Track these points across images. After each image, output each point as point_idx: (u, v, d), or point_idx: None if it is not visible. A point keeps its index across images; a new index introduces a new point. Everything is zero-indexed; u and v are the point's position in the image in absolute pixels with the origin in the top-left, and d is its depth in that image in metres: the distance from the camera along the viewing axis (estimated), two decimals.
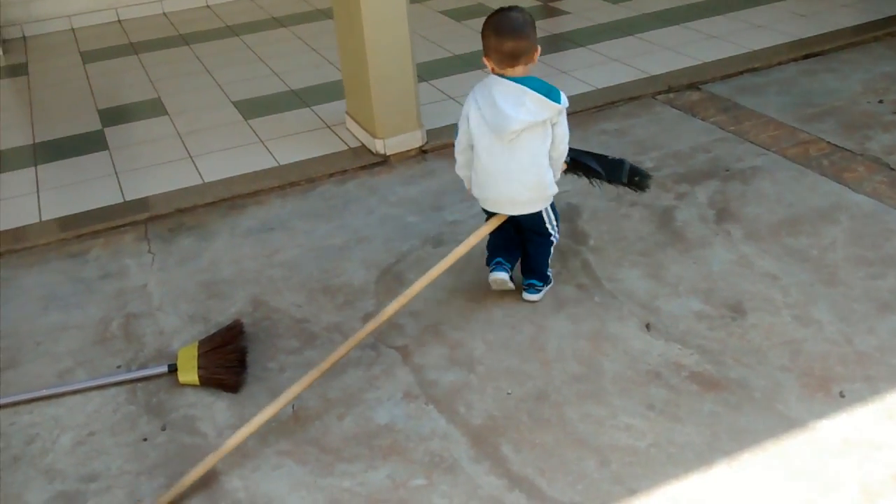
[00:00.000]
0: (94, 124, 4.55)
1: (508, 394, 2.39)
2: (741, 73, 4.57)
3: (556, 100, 2.55)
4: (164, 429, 2.38)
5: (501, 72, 2.56)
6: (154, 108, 4.71)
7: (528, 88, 2.52)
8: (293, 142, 4.11)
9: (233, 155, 4.03)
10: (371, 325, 2.50)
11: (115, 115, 4.66)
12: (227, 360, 2.52)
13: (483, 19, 2.60)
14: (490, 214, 2.76)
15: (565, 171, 2.84)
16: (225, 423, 2.37)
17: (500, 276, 2.76)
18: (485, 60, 2.59)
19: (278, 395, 2.44)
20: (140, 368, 2.61)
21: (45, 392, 2.52)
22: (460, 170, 2.79)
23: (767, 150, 3.68)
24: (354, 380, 2.50)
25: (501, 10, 2.58)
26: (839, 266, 2.83)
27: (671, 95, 4.37)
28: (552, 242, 2.81)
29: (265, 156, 3.99)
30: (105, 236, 3.44)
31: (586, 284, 2.86)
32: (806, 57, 4.70)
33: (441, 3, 6.27)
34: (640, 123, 4.07)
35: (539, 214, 2.71)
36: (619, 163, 2.95)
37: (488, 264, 2.82)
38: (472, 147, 2.66)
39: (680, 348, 2.51)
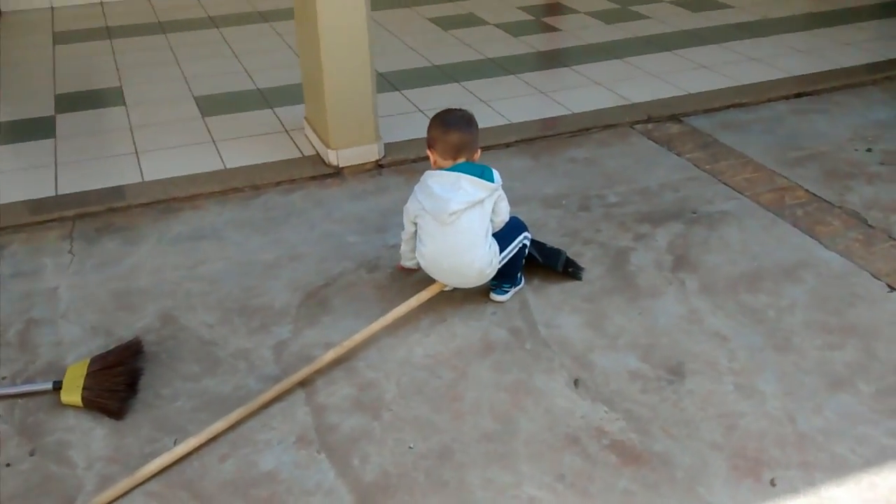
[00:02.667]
0: (47, 109, 4.36)
1: (410, 448, 2.18)
2: (727, 107, 4.36)
3: (490, 179, 2.63)
4: (32, 454, 2.17)
5: (443, 164, 2.66)
6: (113, 97, 4.52)
7: (462, 173, 2.61)
8: (246, 144, 3.91)
9: (180, 154, 3.83)
10: (304, 372, 2.41)
11: (72, 102, 4.47)
12: (115, 383, 2.32)
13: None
14: None
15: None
16: (98, 455, 2.16)
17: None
18: (429, 153, 2.71)
19: (163, 425, 2.26)
20: (25, 383, 2.41)
21: None
22: (405, 257, 2.85)
23: (741, 193, 3.46)
24: (249, 416, 2.29)
25: (450, 109, 2.76)
26: (795, 331, 2.61)
27: (650, 126, 4.15)
28: (524, 252, 2.80)
29: (213, 157, 3.78)
30: (29, 231, 3.24)
31: (520, 329, 2.65)
32: (798, 95, 4.48)
33: (431, 9, 6.07)
34: (612, 154, 3.86)
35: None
36: (556, 252, 2.93)
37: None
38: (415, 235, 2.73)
39: (606, 411, 2.30)
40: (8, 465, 2.14)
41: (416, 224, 2.68)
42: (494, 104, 4.35)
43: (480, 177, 2.61)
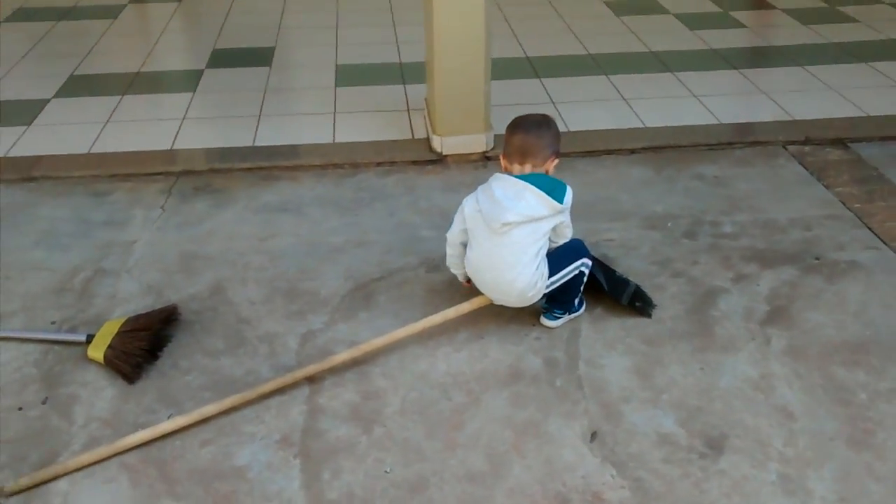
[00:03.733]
0: (199, 63, 4.57)
1: (386, 472, 2.04)
2: None
3: (560, 199, 2.42)
4: (44, 402, 2.27)
5: (511, 169, 2.48)
6: (262, 57, 4.65)
7: (530, 184, 2.40)
8: (363, 119, 3.87)
9: (296, 122, 3.86)
10: (312, 369, 2.33)
11: (224, 58, 4.65)
12: (136, 347, 2.36)
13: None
14: None
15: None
16: (97, 415, 2.22)
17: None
18: (501, 158, 2.54)
19: (166, 397, 2.28)
20: (66, 331, 2.52)
21: None
22: (451, 264, 2.61)
23: (885, 243, 2.94)
24: (246, 404, 2.25)
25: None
26: (884, 425, 2.17)
27: (806, 149, 3.64)
28: (582, 279, 2.53)
29: (327, 129, 3.78)
30: (135, 181, 3.41)
31: (558, 361, 2.40)
32: None
33: None
34: (749, 176, 3.42)
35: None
36: (625, 283, 2.65)
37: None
38: (463, 244, 2.53)
39: (613, 476, 2.02)
40: (20, 408, 2.25)
41: (465, 225, 2.48)
42: (635, 103, 4.00)
43: (549, 193, 2.39)
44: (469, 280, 2.57)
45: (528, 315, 2.58)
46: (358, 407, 2.24)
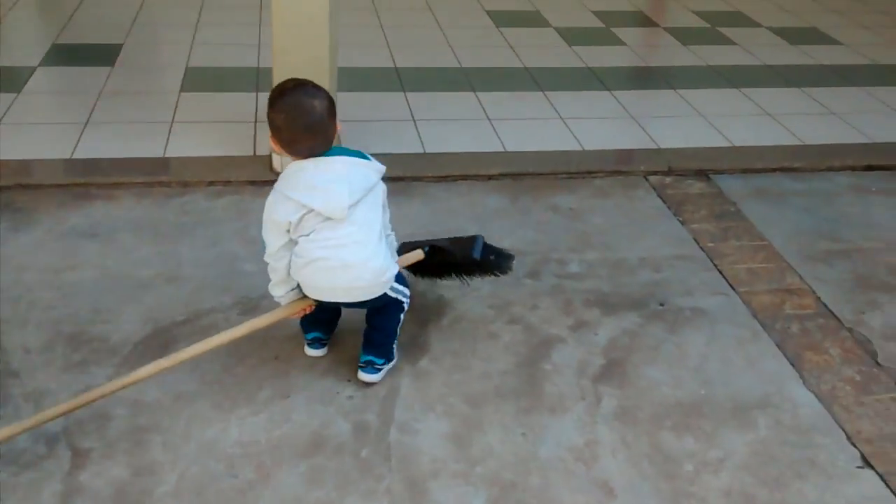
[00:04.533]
0: (32, 60, 4.14)
1: None
2: (774, 170, 3.65)
3: (368, 159, 2.20)
4: None
5: (295, 155, 2.15)
6: (106, 55, 4.24)
7: (343, 156, 2.16)
8: (202, 131, 3.54)
9: (126, 132, 3.49)
10: (110, 387, 2.05)
11: (64, 55, 4.24)
12: None
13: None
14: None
15: (416, 267, 2.49)
16: None
17: (318, 353, 2.38)
18: (273, 145, 2.18)
19: None
20: None
21: None
22: (274, 288, 2.24)
23: (733, 288, 2.81)
24: None
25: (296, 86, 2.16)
26: (708, 501, 2.01)
27: (667, 180, 3.51)
28: (403, 308, 2.31)
29: (159, 141, 3.43)
30: None
31: (369, 426, 2.16)
32: (868, 168, 3.71)
33: (492, 1, 5.51)
34: (606, 208, 3.26)
35: (382, 295, 2.23)
36: (472, 239, 2.50)
37: (305, 333, 2.37)
38: (288, 260, 2.17)
39: None
40: None
41: (285, 239, 2.14)
42: (499, 124, 3.80)
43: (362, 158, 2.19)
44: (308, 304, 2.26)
45: (346, 367, 2.33)
46: (124, 487, 1.94)
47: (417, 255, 2.44)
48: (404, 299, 2.30)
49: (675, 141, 3.76)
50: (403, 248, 2.48)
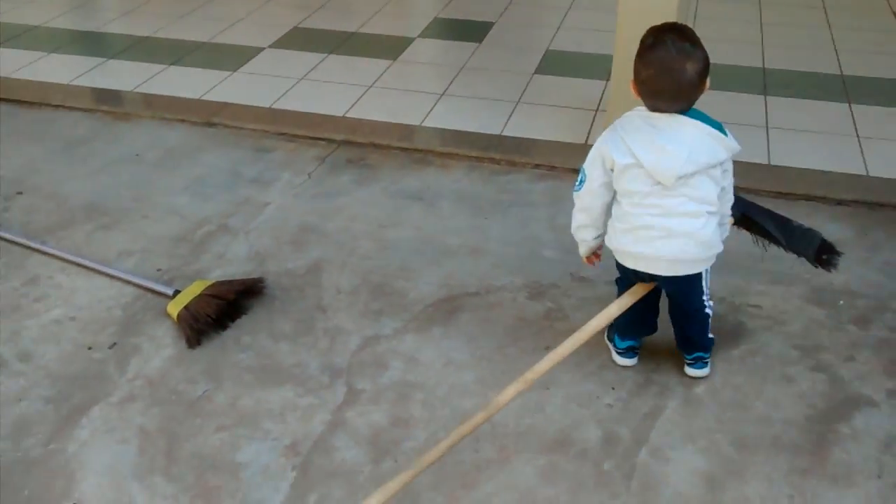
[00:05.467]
0: (412, 31, 4.54)
1: None
2: None
3: (725, 134, 2.00)
4: (111, 347, 2.38)
5: (657, 107, 2.00)
6: (480, 31, 4.51)
7: (699, 121, 1.98)
8: (543, 114, 3.60)
9: (473, 106, 3.69)
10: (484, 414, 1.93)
11: (439, 29, 4.59)
12: (206, 314, 2.39)
13: None
14: (626, 274, 2.14)
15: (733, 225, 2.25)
16: (145, 373, 2.27)
17: (630, 363, 2.30)
18: (635, 90, 2.03)
19: (211, 371, 2.28)
20: (162, 282, 2.61)
21: (79, 259, 2.69)
22: (581, 230, 2.18)
23: None
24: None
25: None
26: None
27: None
28: (708, 315, 2.18)
29: (499, 119, 3.57)
30: (298, 143, 3.46)
31: (619, 439, 2.05)
32: None
33: None
34: None
35: (697, 278, 2.09)
36: (809, 233, 2.27)
37: (616, 344, 2.29)
38: (605, 202, 2.09)
39: None
40: (89, 348, 2.37)
41: (607, 178, 2.03)
42: (870, 144, 3.34)
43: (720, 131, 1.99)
44: (596, 254, 2.21)
45: (615, 373, 2.25)
46: (379, 434, 2.09)
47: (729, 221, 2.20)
48: (708, 305, 2.16)
49: None
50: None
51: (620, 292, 2.16)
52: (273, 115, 3.63)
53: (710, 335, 2.22)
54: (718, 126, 2.00)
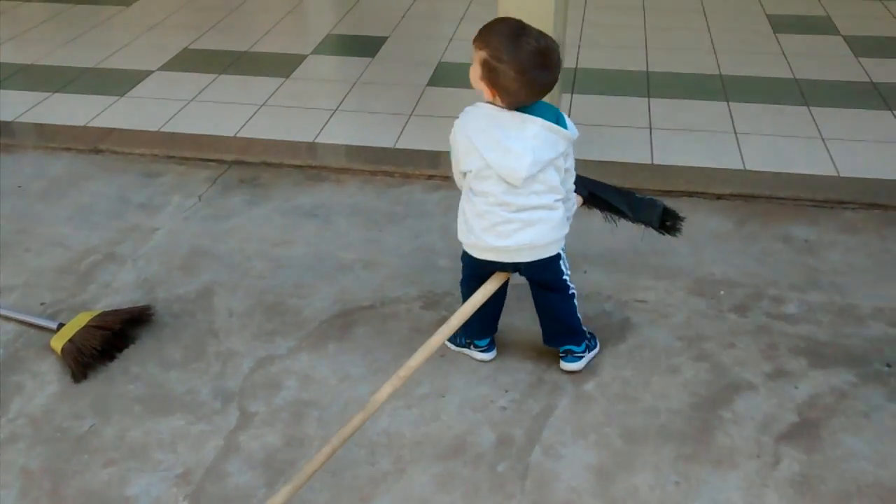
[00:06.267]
0: (304, 48, 4.53)
1: None
2: None
3: (565, 125, 2.03)
4: None
5: (501, 102, 2.00)
6: (372, 46, 4.54)
7: (538, 117, 1.99)
8: (435, 125, 3.64)
9: (376, 120, 3.71)
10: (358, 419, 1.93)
11: (333, 45, 4.59)
12: (90, 346, 2.33)
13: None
14: (475, 271, 2.19)
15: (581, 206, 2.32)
16: (28, 411, 2.20)
17: (490, 357, 2.37)
18: (483, 84, 1.99)
19: (98, 405, 2.22)
20: (45, 317, 2.53)
21: None
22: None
23: None
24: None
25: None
26: None
27: None
28: (574, 295, 2.25)
29: (393, 132, 3.60)
30: (189, 165, 3.40)
31: (514, 440, 2.09)
32: None
33: (773, 4, 5.04)
34: (848, 246, 2.86)
35: (556, 258, 2.16)
36: (651, 203, 2.37)
37: (477, 343, 2.35)
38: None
39: None
40: None
41: (465, 168, 2.05)
42: (746, 140, 3.49)
43: (556, 122, 2.00)
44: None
45: (508, 376, 2.29)
46: (273, 456, 2.07)
47: (578, 200, 2.27)
48: (571, 285, 2.23)
49: None
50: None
51: (467, 294, 2.19)
52: (162, 139, 3.56)
53: (585, 327, 2.30)
54: (557, 113, 2.03)
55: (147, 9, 5.20)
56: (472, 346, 2.36)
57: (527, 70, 1.93)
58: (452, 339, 2.39)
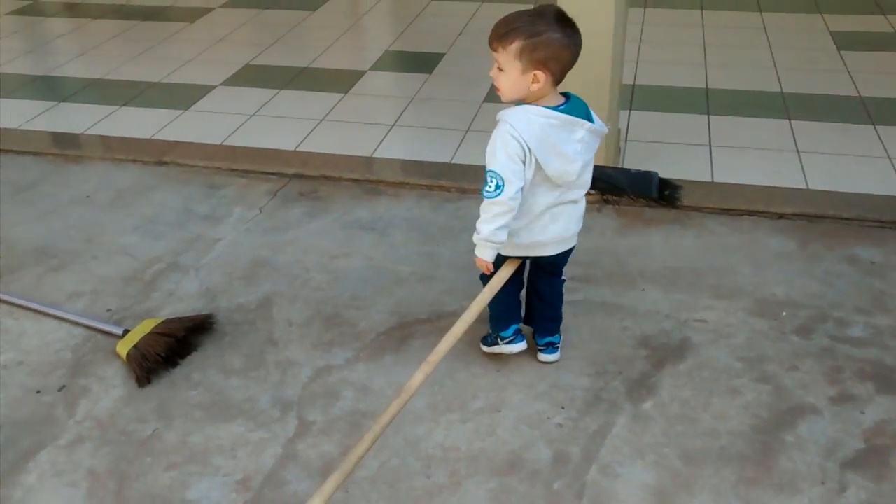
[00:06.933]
0: (362, 65, 4.59)
1: None
2: None
3: (592, 120, 2.07)
4: (60, 389, 2.35)
5: (543, 96, 2.01)
6: (429, 63, 4.58)
7: (587, 123, 2.04)
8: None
9: (433, 136, 3.74)
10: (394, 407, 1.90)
11: (390, 62, 4.64)
12: (154, 352, 2.38)
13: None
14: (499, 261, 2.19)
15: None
16: (95, 414, 2.26)
17: (523, 347, 2.37)
18: (538, 74, 1.96)
19: (161, 410, 2.27)
20: (111, 323, 2.60)
21: (27, 303, 2.67)
22: (500, 232, 2.03)
23: None
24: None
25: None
26: None
27: None
28: (563, 281, 2.38)
29: (450, 148, 3.62)
30: (250, 178, 3.47)
31: (570, 458, 2.07)
32: None
33: (838, 20, 4.95)
34: None
35: (572, 249, 2.26)
36: (647, 174, 2.35)
37: (503, 335, 2.35)
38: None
39: None
40: (38, 391, 2.35)
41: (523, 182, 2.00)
42: (809, 158, 3.43)
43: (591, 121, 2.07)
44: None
45: (564, 393, 2.27)
46: (330, 465, 2.08)
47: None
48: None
49: None
50: None
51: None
52: (224, 152, 3.64)
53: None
54: (587, 107, 2.07)
55: (211, 25, 5.34)
56: (499, 341, 2.36)
57: (564, 30, 1.95)
58: (484, 342, 2.42)
